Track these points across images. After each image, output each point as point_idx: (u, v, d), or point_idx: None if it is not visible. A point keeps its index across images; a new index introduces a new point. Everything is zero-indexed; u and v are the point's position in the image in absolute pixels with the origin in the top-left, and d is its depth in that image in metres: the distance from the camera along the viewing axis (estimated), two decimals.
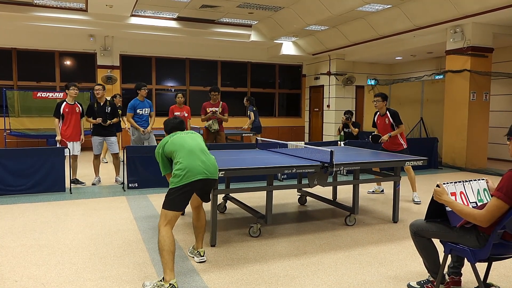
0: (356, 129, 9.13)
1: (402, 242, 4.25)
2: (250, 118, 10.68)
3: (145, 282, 3.14)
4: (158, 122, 7.86)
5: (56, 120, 6.84)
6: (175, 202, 3.24)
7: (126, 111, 7.62)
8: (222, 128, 8.03)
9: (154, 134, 7.58)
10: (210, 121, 7.86)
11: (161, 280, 3.04)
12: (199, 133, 9.52)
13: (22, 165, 6.22)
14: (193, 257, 3.71)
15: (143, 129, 7.28)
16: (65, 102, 6.88)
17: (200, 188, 3.40)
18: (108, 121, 7.04)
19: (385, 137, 6.11)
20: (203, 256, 3.67)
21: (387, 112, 6.22)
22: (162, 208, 3.24)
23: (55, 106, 6.91)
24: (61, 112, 6.81)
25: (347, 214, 4.94)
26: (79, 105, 7.04)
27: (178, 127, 3.61)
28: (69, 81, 7.39)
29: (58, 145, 6.76)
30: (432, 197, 2.79)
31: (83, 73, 12.71)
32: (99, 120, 6.93)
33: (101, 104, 7.07)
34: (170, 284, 2.99)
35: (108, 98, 7.60)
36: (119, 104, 9.34)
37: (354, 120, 9.36)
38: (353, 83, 13.90)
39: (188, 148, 3.34)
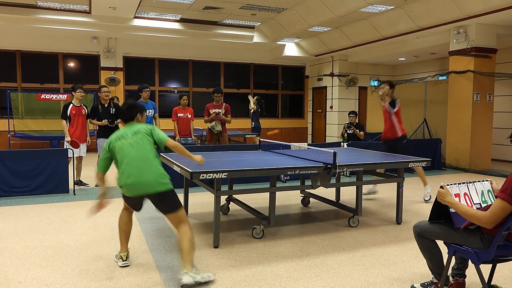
0: (362, 132, 9.11)
1: (406, 244, 4.24)
2: (251, 106, 11.05)
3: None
4: (161, 124, 7.91)
5: (64, 121, 6.85)
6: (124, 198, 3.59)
7: None
8: (225, 129, 8.04)
9: None
10: (213, 122, 7.86)
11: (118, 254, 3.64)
12: (202, 134, 9.62)
13: (26, 167, 6.25)
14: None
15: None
16: (71, 104, 6.89)
17: (153, 201, 3.37)
18: (116, 122, 7.06)
19: (379, 91, 6.17)
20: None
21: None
22: None
23: (62, 108, 6.93)
24: (68, 114, 6.83)
25: (350, 215, 4.93)
26: (85, 107, 7.08)
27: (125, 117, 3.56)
28: (72, 83, 7.41)
29: (68, 146, 6.74)
30: (436, 198, 2.78)
31: (87, 75, 12.76)
32: (105, 122, 6.93)
33: (106, 105, 7.08)
34: (120, 256, 3.57)
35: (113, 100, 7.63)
36: None
37: (357, 121, 9.34)
38: (356, 84, 13.88)
39: (128, 159, 3.32)
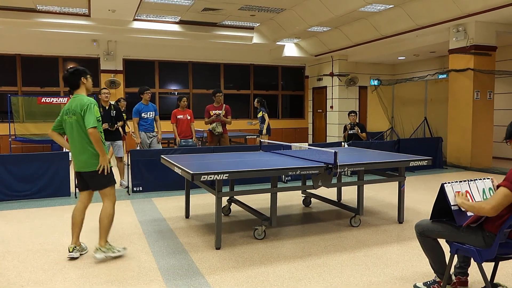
0: (364, 133, 9.10)
1: (408, 243, 4.23)
2: (266, 120, 10.22)
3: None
4: (162, 126, 7.92)
5: None
6: None
7: (130, 115, 7.69)
8: (225, 130, 8.05)
9: (163, 138, 7.68)
10: (214, 124, 7.87)
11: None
12: (203, 135, 9.62)
13: (27, 171, 6.26)
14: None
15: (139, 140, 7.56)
16: None
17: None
18: (116, 125, 7.06)
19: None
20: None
21: None
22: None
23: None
24: None
25: (352, 215, 4.93)
26: None
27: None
28: None
29: (66, 149, 6.73)
30: (437, 197, 2.78)
31: None
32: (105, 125, 6.91)
33: (106, 108, 7.07)
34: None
35: (113, 102, 7.63)
36: (123, 108, 9.39)
37: (358, 121, 9.34)
38: (356, 84, 13.87)
39: (70, 138, 4.00)
